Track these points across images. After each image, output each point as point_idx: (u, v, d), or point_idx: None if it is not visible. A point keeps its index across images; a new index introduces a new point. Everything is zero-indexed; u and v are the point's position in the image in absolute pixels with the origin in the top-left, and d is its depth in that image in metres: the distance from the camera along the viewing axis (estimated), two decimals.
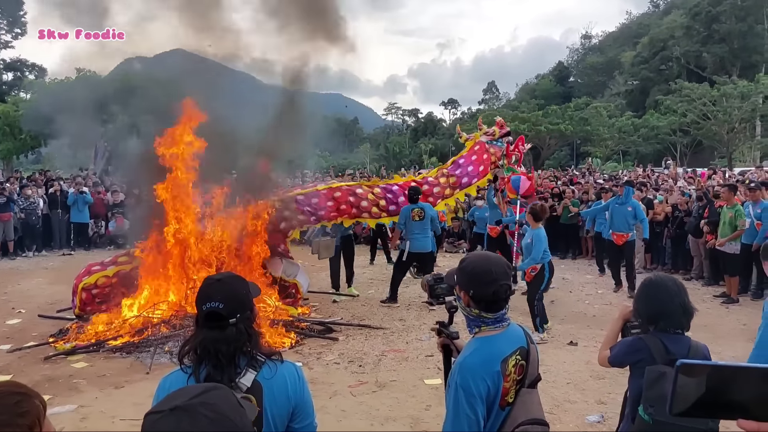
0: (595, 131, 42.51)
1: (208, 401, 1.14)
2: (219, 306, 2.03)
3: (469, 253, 2.51)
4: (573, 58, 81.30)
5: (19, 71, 36.64)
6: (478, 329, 2.33)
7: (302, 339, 7.66)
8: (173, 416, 1.10)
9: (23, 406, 1.15)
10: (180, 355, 2.12)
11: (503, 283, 2.27)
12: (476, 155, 10.22)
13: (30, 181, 16.91)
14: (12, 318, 8.90)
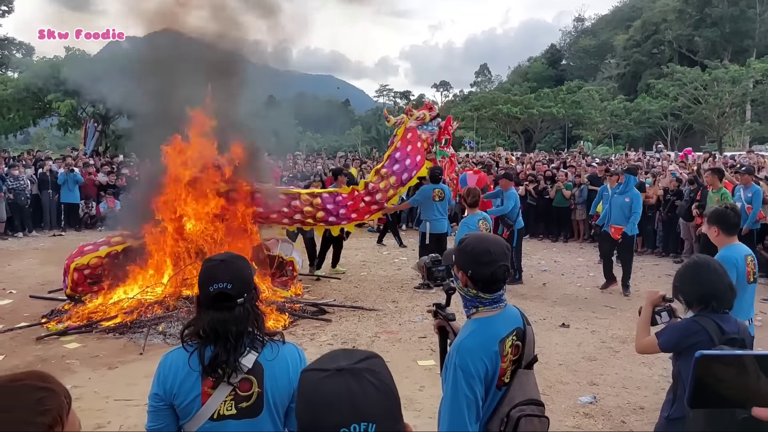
0: (587, 114, 42.54)
1: (373, 368, 1.13)
2: (227, 286, 2.03)
3: (468, 234, 2.50)
4: (565, 41, 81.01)
5: (6, 50, 36.08)
6: (476, 310, 2.34)
7: (295, 320, 7.68)
8: (340, 377, 1.10)
9: (45, 403, 1.10)
10: (182, 336, 2.12)
11: (502, 263, 2.26)
12: (410, 145, 9.49)
13: (18, 161, 16.72)
14: (3, 299, 8.85)
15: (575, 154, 24.71)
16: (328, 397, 1.08)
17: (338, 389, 1.09)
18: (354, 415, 1.06)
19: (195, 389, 2.02)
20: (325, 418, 1.07)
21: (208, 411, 2.02)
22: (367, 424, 1.05)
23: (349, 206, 9.10)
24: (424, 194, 9.61)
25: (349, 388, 1.09)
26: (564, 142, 48.00)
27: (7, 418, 1.06)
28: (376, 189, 9.18)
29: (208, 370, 2.01)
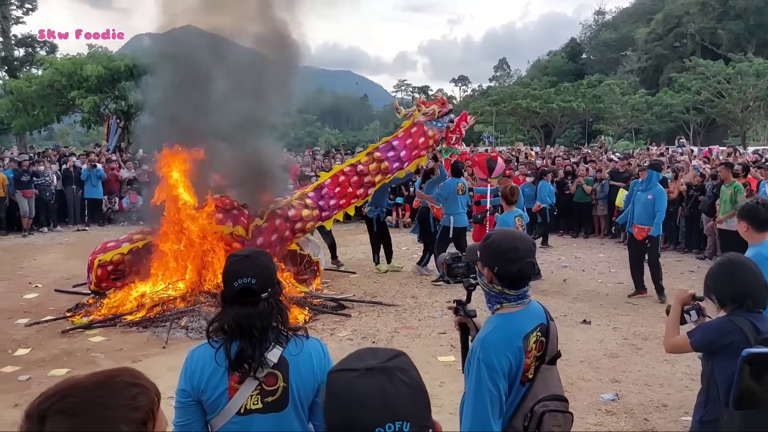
0: (608, 109, 42.03)
1: (402, 366, 1.12)
2: (252, 282, 2.05)
3: (493, 230, 2.49)
4: (586, 34, 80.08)
5: (31, 47, 36.58)
6: (500, 306, 2.33)
7: (315, 315, 7.72)
8: (371, 376, 1.08)
9: (139, 399, 1.11)
10: (208, 332, 2.14)
11: (529, 260, 2.25)
12: (411, 138, 9.26)
13: (43, 157, 17.00)
14: (29, 292, 9.02)
15: (596, 148, 24.49)
16: (360, 397, 1.07)
17: (371, 388, 1.07)
18: (389, 414, 1.05)
19: (222, 384, 2.04)
20: (360, 418, 1.06)
21: (235, 406, 2.05)
22: (402, 423, 1.04)
23: (336, 194, 8.94)
24: (449, 188, 9.60)
25: (382, 387, 1.07)
26: (584, 137, 47.53)
27: (107, 415, 1.07)
28: (365, 171, 9.01)
29: (235, 365, 2.03)
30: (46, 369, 5.98)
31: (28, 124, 26.78)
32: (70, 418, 1.04)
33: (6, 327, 7.35)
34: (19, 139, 31.57)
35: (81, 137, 47.83)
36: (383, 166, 9.05)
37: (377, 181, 9.12)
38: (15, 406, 5.12)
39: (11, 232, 14.53)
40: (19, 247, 13.07)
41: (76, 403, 1.06)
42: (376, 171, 9.04)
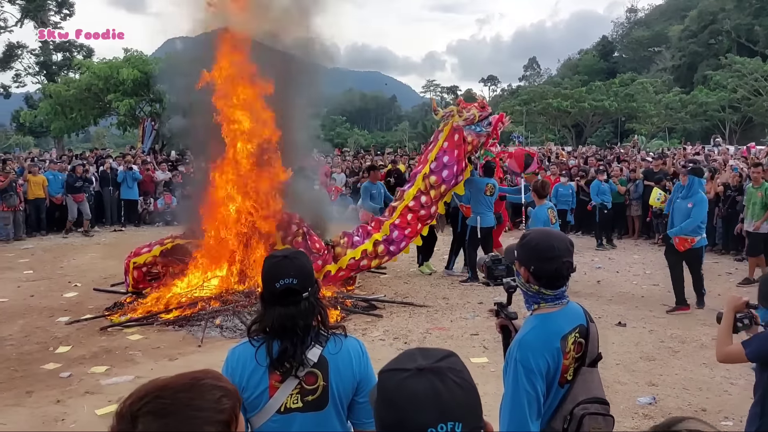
0: (641, 108, 41.33)
1: (455, 367, 1.12)
2: (293, 282, 2.07)
3: (530, 229, 2.48)
4: (618, 32, 78.89)
5: (68, 51, 37.49)
6: (537, 306, 2.31)
7: (347, 315, 7.77)
8: (423, 377, 1.08)
9: (224, 402, 1.14)
10: (249, 333, 2.16)
11: (566, 260, 2.24)
12: (457, 149, 8.82)
13: (83, 159, 17.43)
14: (69, 291, 9.25)
15: (629, 148, 24.12)
16: (413, 397, 1.07)
17: (423, 389, 1.07)
18: (441, 415, 1.05)
19: (263, 383, 2.07)
20: (412, 418, 1.06)
21: (276, 404, 2.07)
22: (454, 424, 1.04)
23: (407, 235, 8.74)
24: (477, 187, 9.51)
25: (434, 387, 1.07)
26: (616, 137, 46.85)
27: (196, 416, 1.10)
28: (429, 202, 8.75)
29: (276, 364, 2.06)
30: (87, 366, 6.12)
31: (66, 126, 27.49)
32: (161, 419, 1.08)
33: (47, 325, 7.55)
34: (57, 142, 32.40)
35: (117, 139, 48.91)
36: (442, 189, 8.80)
37: (439, 207, 8.96)
38: (57, 402, 5.26)
39: (51, 232, 14.92)
40: (59, 247, 13.41)
41: (167, 404, 1.10)
42: (438, 197, 8.83)
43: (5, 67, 36.76)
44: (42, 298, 8.88)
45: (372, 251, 8.52)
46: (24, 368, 6.02)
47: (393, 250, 8.70)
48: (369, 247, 8.51)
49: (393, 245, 8.66)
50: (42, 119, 29.12)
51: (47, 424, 4.81)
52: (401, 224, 8.68)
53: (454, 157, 8.80)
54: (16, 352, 6.55)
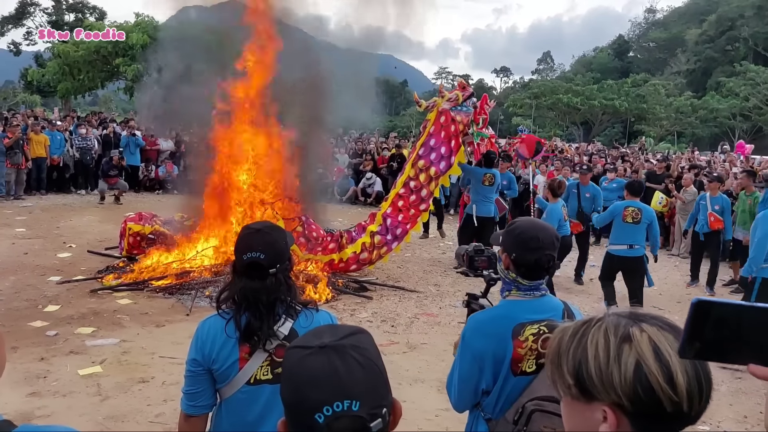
0: (651, 110, 41.21)
1: (358, 344, 1.09)
2: (260, 256, 2.07)
3: (519, 218, 2.48)
4: (634, 32, 78.33)
5: (80, 12, 37.32)
6: (508, 293, 2.33)
7: (338, 295, 7.79)
8: (323, 354, 1.06)
9: None
10: (218, 301, 2.18)
11: (548, 252, 2.23)
12: (444, 130, 8.80)
13: (86, 121, 17.39)
14: (63, 252, 9.28)
15: (634, 149, 24.02)
16: (310, 375, 1.05)
17: (321, 366, 1.05)
18: (337, 393, 1.03)
19: (233, 355, 2.08)
20: (308, 396, 1.04)
21: (245, 376, 2.09)
22: (351, 402, 1.02)
23: (401, 221, 8.74)
24: (476, 177, 9.56)
25: (332, 365, 1.05)
26: (624, 137, 46.68)
27: None
28: (419, 186, 8.75)
29: (244, 336, 2.07)
30: (73, 326, 6.16)
31: (74, 88, 27.44)
32: None
33: (39, 283, 7.59)
34: (64, 102, 32.36)
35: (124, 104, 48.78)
36: (432, 171, 8.77)
37: (433, 189, 8.91)
38: (41, 359, 5.30)
39: (50, 192, 14.95)
40: (57, 207, 13.43)
41: None
42: (428, 180, 8.78)
43: (17, 23, 36.59)
44: (35, 256, 8.91)
45: (370, 243, 8.55)
46: (11, 324, 6.05)
47: (390, 239, 8.70)
48: (367, 239, 8.55)
49: (389, 234, 8.68)
50: (50, 78, 29.02)
51: (29, 380, 4.84)
52: (393, 212, 8.71)
53: (440, 139, 8.79)
54: (4, 307, 6.59)
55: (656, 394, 0.95)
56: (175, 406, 4.42)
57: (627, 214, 7.41)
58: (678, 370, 0.96)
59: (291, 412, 1.07)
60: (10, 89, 57.15)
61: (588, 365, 1.00)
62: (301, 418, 1.04)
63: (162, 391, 4.82)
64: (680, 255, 11.97)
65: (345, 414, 1.01)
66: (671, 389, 0.95)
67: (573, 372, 1.02)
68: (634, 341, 0.98)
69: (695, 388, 0.96)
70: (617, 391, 0.97)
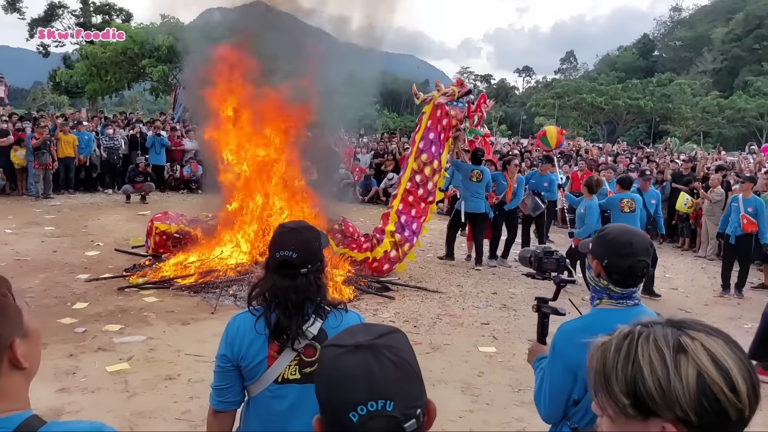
0: (677, 109, 40.60)
1: (392, 344, 1.08)
2: (292, 255, 2.08)
3: (610, 224, 2.42)
4: (659, 30, 77.30)
5: (108, 14, 37.87)
6: (599, 301, 2.25)
7: (360, 294, 7.81)
8: (358, 353, 1.06)
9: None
10: (249, 298, 2.19)
11: (642, 259, 2.15)
12: (439, 123, 8.97)
13: (113, 122, 17.68)
14: (91, 250, 9.43)
15: (660, 149, 23.72)
16: (344, 374, 1.05)
17: (355, 365, 1.05)
18: (371, 393, 1.02)
19: (262, 352, 2.10)
20: (342, 395, 1.04)
21: (273, 374, 2.10)
22: (385, 402, 1.02)
23: (415, 216, 8.87)
24: (464, 173, 9.72)
25: (367, 364, 1.05)
26: (649, 137, 46.09)
27: None
28: (424, 179, 8.87)
29: (274, 335, 2.09)
30: (101, 324, 6.26)
31: (101, 89, 27.87)
32: None
33: (67, 281, 7.73)
34: (91, 103, 32.89)
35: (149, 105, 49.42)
36: (435, 165, 8.93)
37: (436, 181, 9.05)
38: (70, 356, 5.40)
39: (78, 191, 15.23)
40: (85, 206, 13.65)
41: None
42: (432, 173, 8.93)
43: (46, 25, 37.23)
44: (64, 254, 9.08)
45: (393, 242, 8.65)
46: (41, 320, 6.15)
47: (409, 235, 8.77)
48: (389, 239, 8.65)
49: (407, 229, 8.76)
50: (78, 80, 29.50)
51: (58, 376, 4.93)
52: (405, 209, 8.82)
53: (437, 132, 8.98)
54: (35, 304, 6.71)
55: (722, 404, 0.91)
56: (201, 403, 4.49)
57: (624, 205, 8.29)
58: (738, 377, 0.92)
59: (326, 410, 1.07)
60: (39, 90, 58.29)
61: (645, 382, 0.95)
62: (335, 417, 1.04)
63: (188, 389, 4.88)
64: (707, 257, 11.79)
65: (379, 414, 1.01)
66: (736, 397, 0.92)
67: (627, 391, 0.97)
68: (689, 351, 0.94)
69: (752, 391, 0.93)
70: (682, 406, 0.93)
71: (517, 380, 5.44)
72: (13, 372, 1.19)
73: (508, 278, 9.28)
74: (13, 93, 47.22)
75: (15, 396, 1.21)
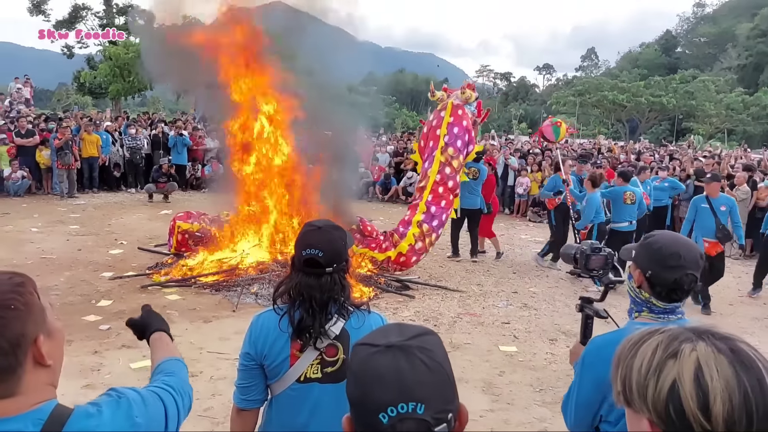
0: (700, 106, 40.04)
1: (425, 346, 1.07)
2: (319, 254, 2.08)
3: (657, 231, 2.21)
4: (683, 27, 76.27)
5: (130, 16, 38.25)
6: (638, 314, 2.08)
7: (380, 293, 7.82)
8: (390, 354, 1.04)
9: None
10: (274, 296, 2.20)
11: (690, 272, 1.96)
12: (465, 120, 9.11)
13: (136, 122, 17.91)
14: (115, 248, 9.57)
15: (683, 147, 23.41)
16: (376, 374, 1.03)
17: (387, 366, 1.03)
18: (402, 394, 1.01)
19: (284, 351, 2.11)
20: (373, 396, 1.02)
21: (296, 373, 2.11)
22: (416, 405, 1.00)
23: (444, 207, 8.94)
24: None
25: (398, 365, 1.03)
26: (672, 135, 45.50)
27: None
28: (453, 173, 8.98)
29: (297, 333, 2.10)
30: (125, 321, 6.33)
31: (124, 89, 28.20)
32: None
33: (92, 279, 7.85)
34: (114, 103, 33.28)
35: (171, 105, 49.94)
36: (461, 159, 9.07)
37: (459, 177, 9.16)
38: (95, 352, 5.48)
39: (101, 190, 15.46)
40: (109, 205, 13.85)
41: None
42: (459, 167, 9.06)
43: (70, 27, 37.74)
44: (89, 252, 9.22)
45: (419, 233, 8.70)
46: (66, 318, 6.26)
47: (436, 225, 8.87)
48: (415, 230, 8.69)
49: (435, 220, 8.85)
50: (101, 80, 29.89)
51: (83, 373, 5.01)
52: (435, 199, 8.88)
53: (462, 128, 9.09)
54: (60, 302, 6.83)
55: (687, 418, 0.90)
56: (223, 400, 4.53)
57: (627, 197, 8.69)
58: (717, 397, 0.89)
59: (356, 410, 1.06)
60: (63, 91, 59.18)
61: (632, 375, 0.98)
62: (365, 417, 1.03)
63: (210, 386, 4.93)
64: (731, 256, 11.60)
65: (410, 416, 1.00)
66: (703, 416, 0.89)
67: (622, 379, 1.00)
68: (678, 359, 0.94)
69: (741, 417, 0.88)
70: (649, 406, 0.94)
71: (538, 380, 5.41)
72: (38, 368, 1.24)
73: (528, 277, 9.23)
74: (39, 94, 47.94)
75: (41, 390, 1.25)
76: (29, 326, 1.22)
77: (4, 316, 1.19)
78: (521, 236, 12.64)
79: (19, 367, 1.20)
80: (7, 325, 1.18)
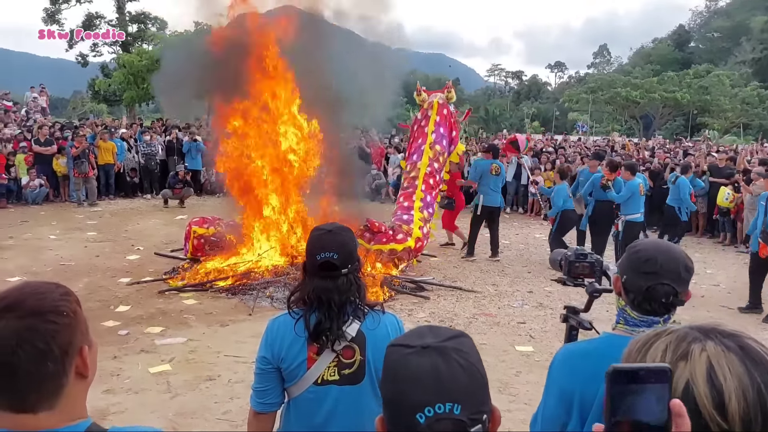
0: (715, 101, 39.60)
1: (461, 348, 1.08)
2: (333, 256, 2.10)
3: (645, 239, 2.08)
4: (696, 21, 75.58)
5: (143, 23, 38.57)
6: (616, 325, 1.95)
7: (395, 295, 7.84)
8: (426, 355, 1.05)
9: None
10: (289, 301, 2.22)
11: (665, 282, 1.79)
12: (447, 120, 9.89)
13: (150, 129, 18.09)
14: (132, 254, 9.67)
15: (698, 143, 23.20)
16: (413, 374, 1.04)
17: (424, 367, 1.04)
18: (439, 395, 1.02)
19: (301, 354, 2.12)
20: (410, 395, 1.03)
21: (313, 376, 2.13)
22: (453, 405, 1.02)
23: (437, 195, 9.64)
24: (481, 169, 10.06)
25: (436, 366, 1.04)
26: (686, 130, 45.07)
27: None
28: (440, 168, 9.67)
29: (313, 336, 2.10)
30: (143, 326, 6.42)
31: (138, 96, 28.45)
32: None
33: (110, 285, 7.94)
34: (129, 110, 33.59)
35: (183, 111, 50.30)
36: (445, 156, 9.83)
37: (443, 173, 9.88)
38: (114, 357, 5.55)
39: (117, 197, 15.63)
40: (125, 211, 14.01)
41: None
42: (442, 165, 9.76)
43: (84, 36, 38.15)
44: (106, 258, 9.33)
45: (422, 218, 9.15)
46: None
47: (431, 212, 9.43)
48: (419, 214, 9.11)
49: (430, 208, 9.41)
50: (116, 88, 30.19)
51: (103, 378, 5.07)
52: (428, 189, 9.45)
53: (447, 127, 9.85)
54: None
55: (703, 418, 0.89)
56: (241, 404, 4.57)
57: (641, 189, 8.99)
58: (732, 395, 0.89)
59: (391, 410, 1.07)
60: (78, 99, 59.84)
61: None
62: (401, 417, 1.04)
63: (228, 389, 4.97)
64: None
65: (446, 416, 1.01)
66: (719, 415, 0.89)
67: None
68: (689, 360, 0.93)
69: (757, 413, 0.89)
70: None
71: None
72: (78, 380, 1.23)
73: (543, 276, 9.19)
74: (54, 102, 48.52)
75: (79, 404, 1.25)
76: (77, 335, 1.22)
77: (56, 321, 1.19)
78: (535, 235, 12.60)
79: (65, 376, 1.20)
80: (60, 331, 1.19)
